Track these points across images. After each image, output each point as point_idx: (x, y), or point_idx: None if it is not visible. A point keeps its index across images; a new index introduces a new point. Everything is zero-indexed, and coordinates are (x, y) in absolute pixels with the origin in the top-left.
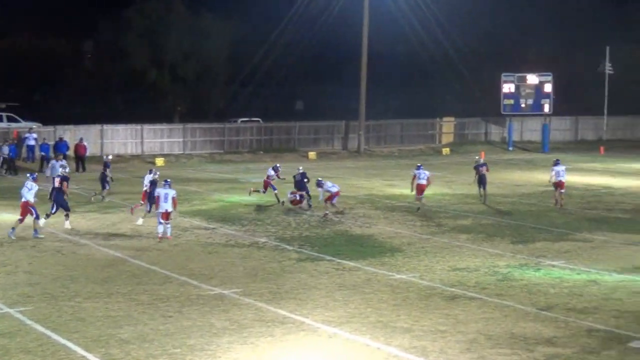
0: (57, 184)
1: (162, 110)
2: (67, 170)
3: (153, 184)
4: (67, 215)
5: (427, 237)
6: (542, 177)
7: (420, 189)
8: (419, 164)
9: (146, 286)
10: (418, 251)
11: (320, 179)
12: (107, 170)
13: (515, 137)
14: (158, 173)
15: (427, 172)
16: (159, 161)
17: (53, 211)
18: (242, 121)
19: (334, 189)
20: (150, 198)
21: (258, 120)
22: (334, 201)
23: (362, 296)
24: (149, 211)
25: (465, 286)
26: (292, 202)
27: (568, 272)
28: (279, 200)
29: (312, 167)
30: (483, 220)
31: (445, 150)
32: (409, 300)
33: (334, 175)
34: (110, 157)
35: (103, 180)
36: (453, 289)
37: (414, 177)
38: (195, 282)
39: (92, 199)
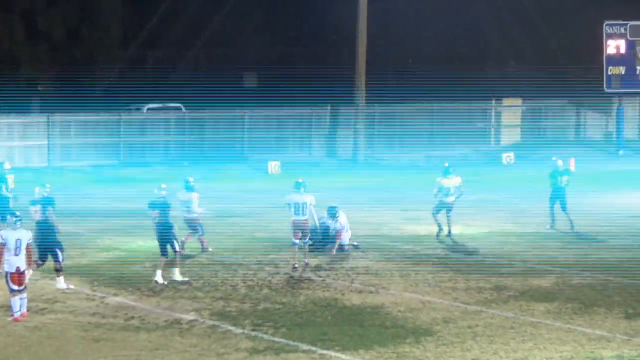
0: (38, 216)
1: (9, 89)
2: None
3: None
4: (58, 270)
5: (478, 310)
6: None
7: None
8: (447, 165)
9: None
10: (462, 334)
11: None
12: (4, 188)
13: (630, 132)
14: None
15: (457, 180)
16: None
17: (41, 261)
18: (150, 109)
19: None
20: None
21: (178, 108)
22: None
23: None
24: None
25: None
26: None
27: None
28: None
29: (273, 188)
30: (575, 279)
31: (508, 157)
32: None
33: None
34: (7, 164)
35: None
36: None
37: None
38: None
39: None
